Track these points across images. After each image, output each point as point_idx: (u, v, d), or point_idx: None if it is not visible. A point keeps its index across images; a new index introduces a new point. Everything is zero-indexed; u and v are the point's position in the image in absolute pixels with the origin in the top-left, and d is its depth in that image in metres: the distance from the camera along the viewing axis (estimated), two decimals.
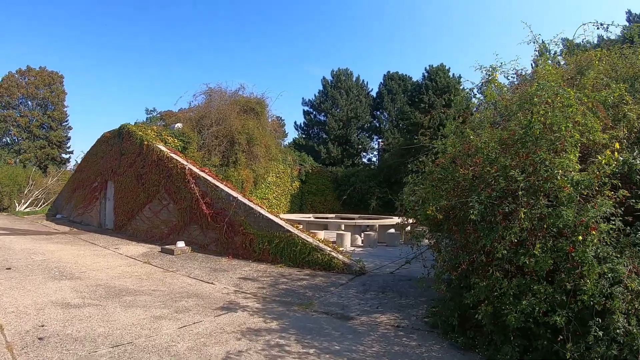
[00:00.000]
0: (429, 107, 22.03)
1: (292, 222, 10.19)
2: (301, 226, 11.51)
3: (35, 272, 7.57)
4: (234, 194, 10.06)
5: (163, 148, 12.74)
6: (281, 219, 9.58)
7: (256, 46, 77.29)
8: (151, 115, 27.04)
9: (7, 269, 7.77)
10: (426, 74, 24.36)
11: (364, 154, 30.52)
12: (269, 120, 18.83)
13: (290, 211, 20.78)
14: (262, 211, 9.53)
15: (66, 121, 37.36)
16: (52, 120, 35.61)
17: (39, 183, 26.11)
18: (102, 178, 16.27)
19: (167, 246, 10.31)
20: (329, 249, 8.72)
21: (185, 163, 11.57)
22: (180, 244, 10.30)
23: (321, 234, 12.02)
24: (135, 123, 14.70)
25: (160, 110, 21.45)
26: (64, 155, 36.69)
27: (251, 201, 10.00)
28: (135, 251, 10.42)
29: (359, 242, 12.96)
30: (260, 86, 49.51)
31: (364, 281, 7.38)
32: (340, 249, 9.27)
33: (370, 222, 14.63)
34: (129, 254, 10.01)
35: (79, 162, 21.95)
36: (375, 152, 30.62)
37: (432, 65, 23.89)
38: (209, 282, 7.18)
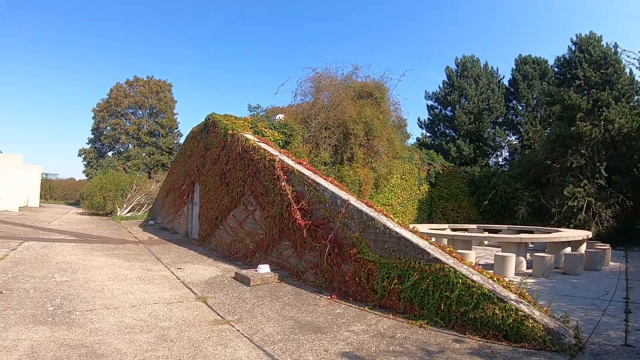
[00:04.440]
0: (584, 84, 16.32)
1: (426, 237, 6.21)
2: (446, 241, 7.47)
3: (20, 305, 4.97)
4: (344, 195, 6.41)
5: (250, 137, 9.76)
6: (421, 236, 5.68)
7: (372, 48, 74.43)
8: (255, 112, 24.96)
9: None
10: (573, 46, 18.50)
11: (497, 152, 25.08)
12: (391, 108, 14.99)
13: (418, 220, 16.56)
14: (390, 224, 5.71)
15: (177, 128, 38.12)
16: (162, 127, 36.40)
17: (142, 188, 25.76)
18: (189, 179, 14.06)
19: (243, 271, 7.07)
20: (513, 296, 4.57)
21: (275, 153, 8.36)
22: (264, 269, 7.01)
23: (472, 257, 7.82)
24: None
25: (265, 107, 19.32)
26: None
27: (372, 207, 6.23)
28: (200, 275, 7.39)
29: (524, 267, 8.50)
30: (377, 68, 43.71)
31: None
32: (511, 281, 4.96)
33: (537, 237, 9.84)
34: (188, 280, 6.98)
35: None
36: (508, 149, 24.98)
37: (581, 34, 17.98)
38: None
